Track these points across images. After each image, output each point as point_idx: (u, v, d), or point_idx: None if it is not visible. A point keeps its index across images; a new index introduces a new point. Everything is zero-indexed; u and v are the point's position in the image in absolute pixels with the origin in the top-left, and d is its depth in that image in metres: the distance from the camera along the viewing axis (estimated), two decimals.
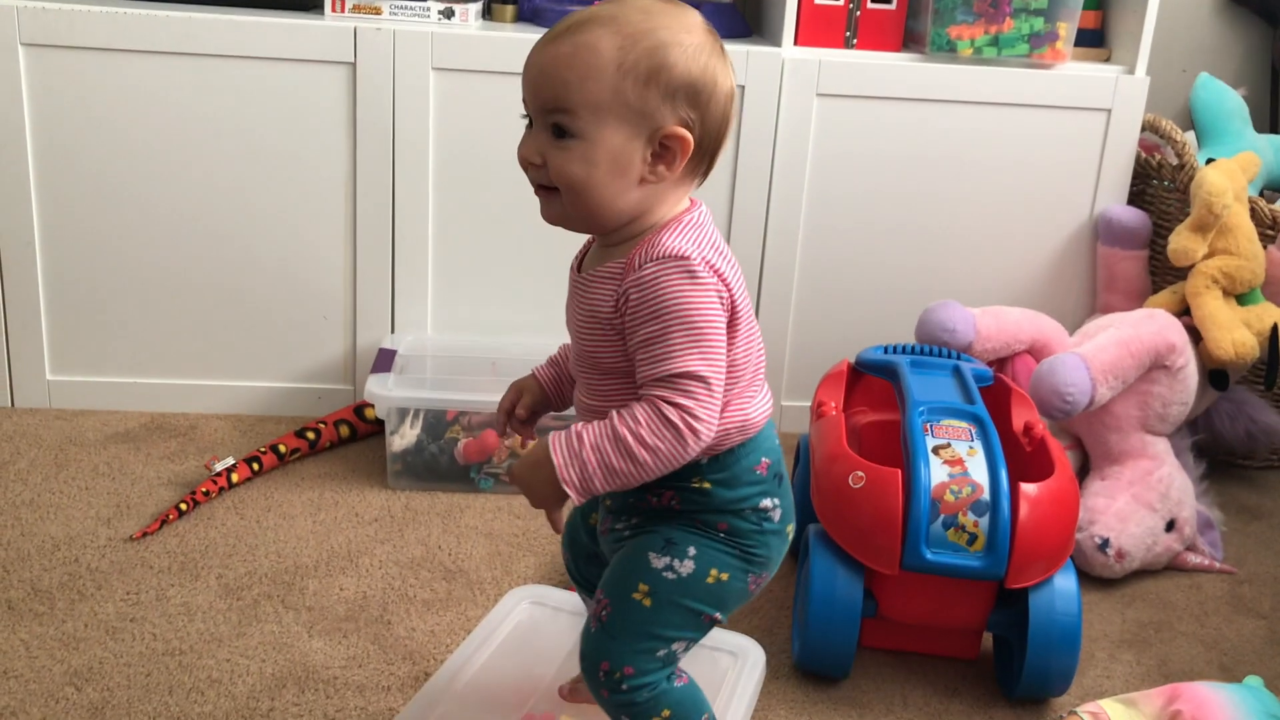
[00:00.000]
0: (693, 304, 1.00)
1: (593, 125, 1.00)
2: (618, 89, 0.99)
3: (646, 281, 1.01)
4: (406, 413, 1.94)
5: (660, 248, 1.02)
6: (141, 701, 1.41)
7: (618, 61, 0.99)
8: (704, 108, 1.03)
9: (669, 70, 1.00)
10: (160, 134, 2.02)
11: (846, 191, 2.16)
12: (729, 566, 1.10)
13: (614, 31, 1.00)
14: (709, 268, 1.02)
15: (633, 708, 1.08)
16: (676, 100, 1.01)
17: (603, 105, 1.00)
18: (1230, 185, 1.98)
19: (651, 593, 1.08)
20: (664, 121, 1.01)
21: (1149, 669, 1.64)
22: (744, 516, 1.10)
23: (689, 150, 1.03)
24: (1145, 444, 1.91)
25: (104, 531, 1.76)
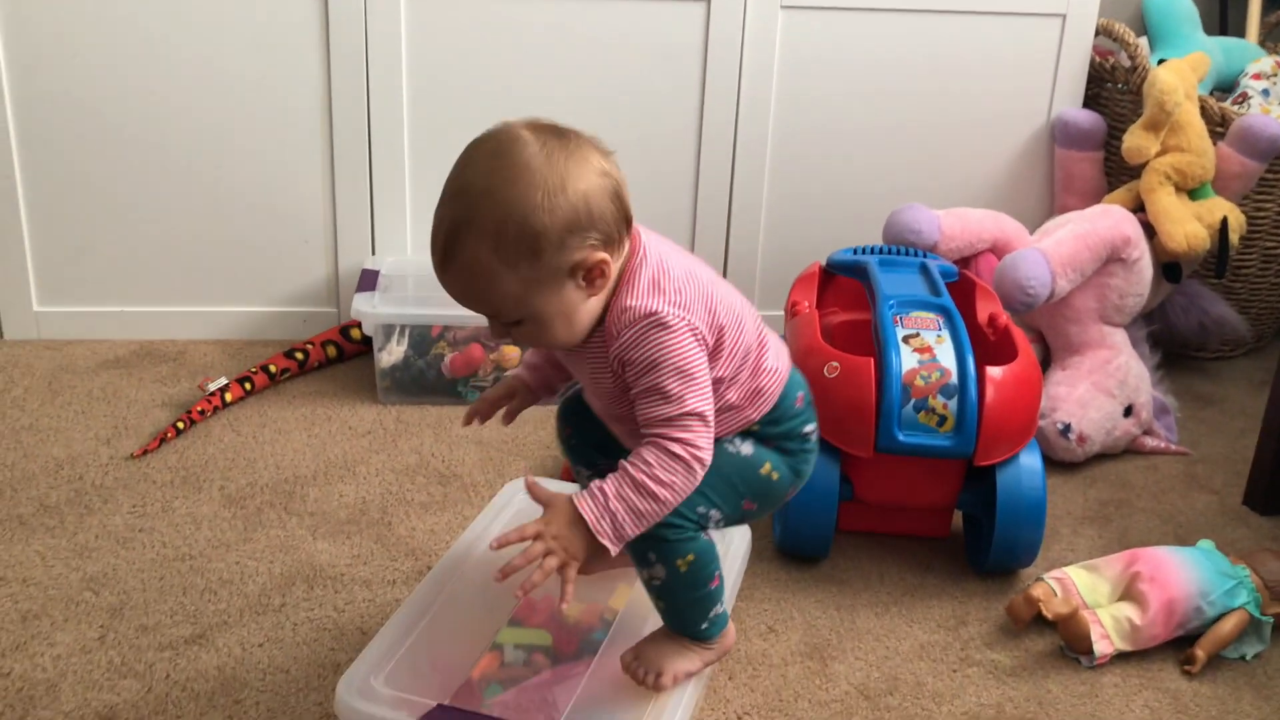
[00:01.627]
0: (673, 352, 1.09)
1: (527, 310, 1.08)
2: (521, 279, 1.05)
3: (629, 345, 1.10)
4: (393, 329, 1.99)
5: (627, 313, 1.10)
6: (158, 602, 1.47)
7: (503, 263, 1.04)
8: (591, 221, 1.06)
9: (543, 234, 1.04)
10: (137, 62, 2.04)
11: (812, 100, 2.22)
12: (780, 468, 1.22)
13: (479, 234, 1.03)
14: (675, 313, 1.10)
15: (660, 544, 1.16)
16: (569, 243, 1.05)
17: (520, 296, 1.07)
18: (1181, 84, 2.05)
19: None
20: (572, 262, 1.06)
21: (1110, 541, 1.73)
22: (792, 439, 1.23)
23: (608, 261, 1.08)
24: (1103, 334, 1.99)
25: (105, 451, 1.81)
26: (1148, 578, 1.50)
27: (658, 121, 2.19)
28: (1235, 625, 1.48)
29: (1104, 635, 1.46)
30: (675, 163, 2.22)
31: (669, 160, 2.22)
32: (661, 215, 2.25)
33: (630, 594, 1.35)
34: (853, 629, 1.51)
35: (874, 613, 1.54)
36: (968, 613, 1.55)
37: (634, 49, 2.15)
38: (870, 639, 1.49)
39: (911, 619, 1.54)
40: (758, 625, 1.50)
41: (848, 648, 1.47)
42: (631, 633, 1.29)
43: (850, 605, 1.55)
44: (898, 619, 1.53)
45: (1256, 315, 2.35)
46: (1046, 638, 1.51)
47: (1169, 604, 1.48)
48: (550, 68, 2.14)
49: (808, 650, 1.46)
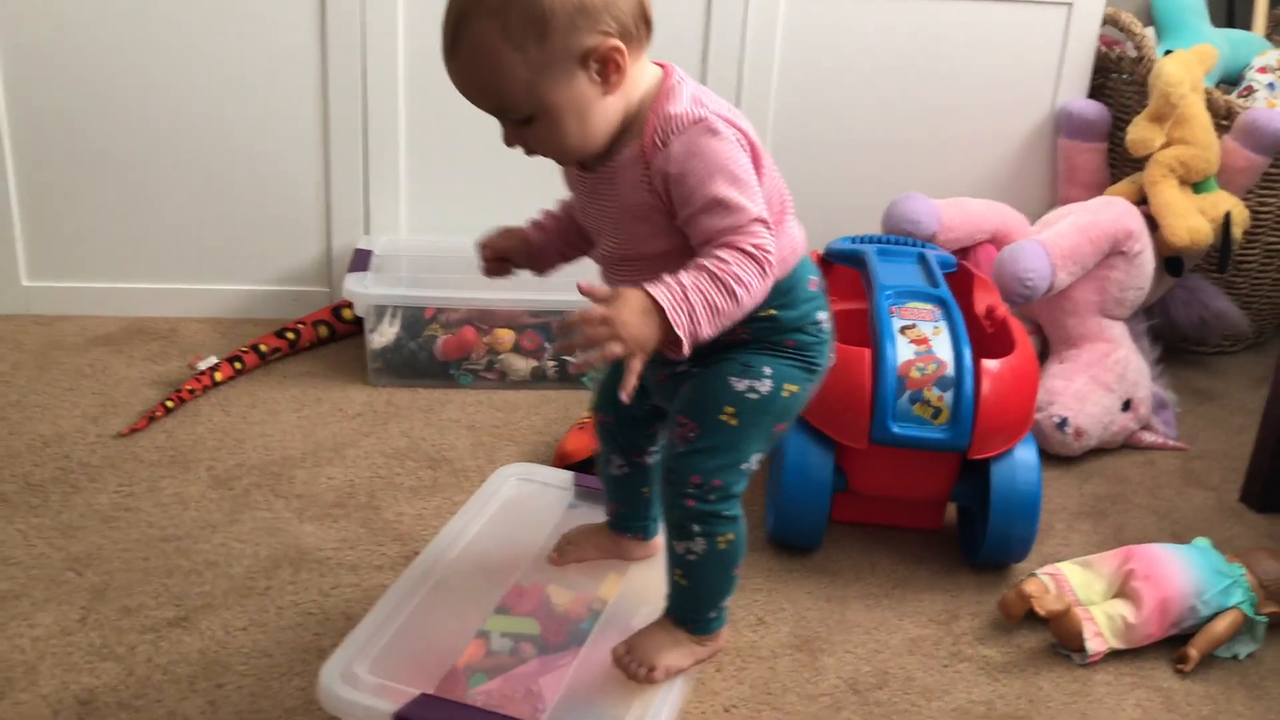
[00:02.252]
0: (730, 158, 1.04)
1: (537, 102, 1.03)
2: (529, 62, 1.01)
3: (679, 156, 1.04)
4: (385, 310, 1.97)
5: (674, 120, 1.05)
6: (142, 583, 1.46)
7: (509, 43, 1.00)
8: (606, 5, 1.02)
9: (552, 12, 1.00)
10: (131, 36, 2.02)
11: (814, 88, 2.19)
12: (797, 379, 1.18)
13: (486, 13, 1.00)
14: (723, 120, 1.06)
15: (711, 519, 1.15)
16: (579, 27, 1.01)
17: (529, 83, 1.02)
18: (1187, 76, 2.03)
19: (738, 413, 1.15)
20: (586, 50, 1.02)
21: (1105, 537, 1.72)
22: (807, 331, 1.18)
23: (623, 51, 1.03)
24: (1103, 328, 1.98)
25: (92, 429, 1.79)
26: (1142, 575, 1.48)
27: None
28: (1229, 625, 1.47)
29: (1097, 633, 1.45)
30: None
31: None
32: None
33: (620, 584, 1.34)
34: (843, 621, 1.49)
35: (865, 605, 1.53)
36: (960, 607, 1.54)
37: None
38: (860, 632, 1.48)
39: (903, 612, 1.52)
40: (748, 616, 1.48)
41: (838, 640, 1.46)
42: (620, 624, 1.27)
43: (841, 597, 1.54)
44: (889, 612, 1.52)
45: (1257, 311, 2.33)
46: (1039, 634, 1.49)
47: (1163, 602, 1.46)
48: None
49: (797, 642, 1.45)
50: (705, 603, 1.21)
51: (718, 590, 1.20)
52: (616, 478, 1.35)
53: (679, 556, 1.18)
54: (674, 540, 1.18)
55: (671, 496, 1.16)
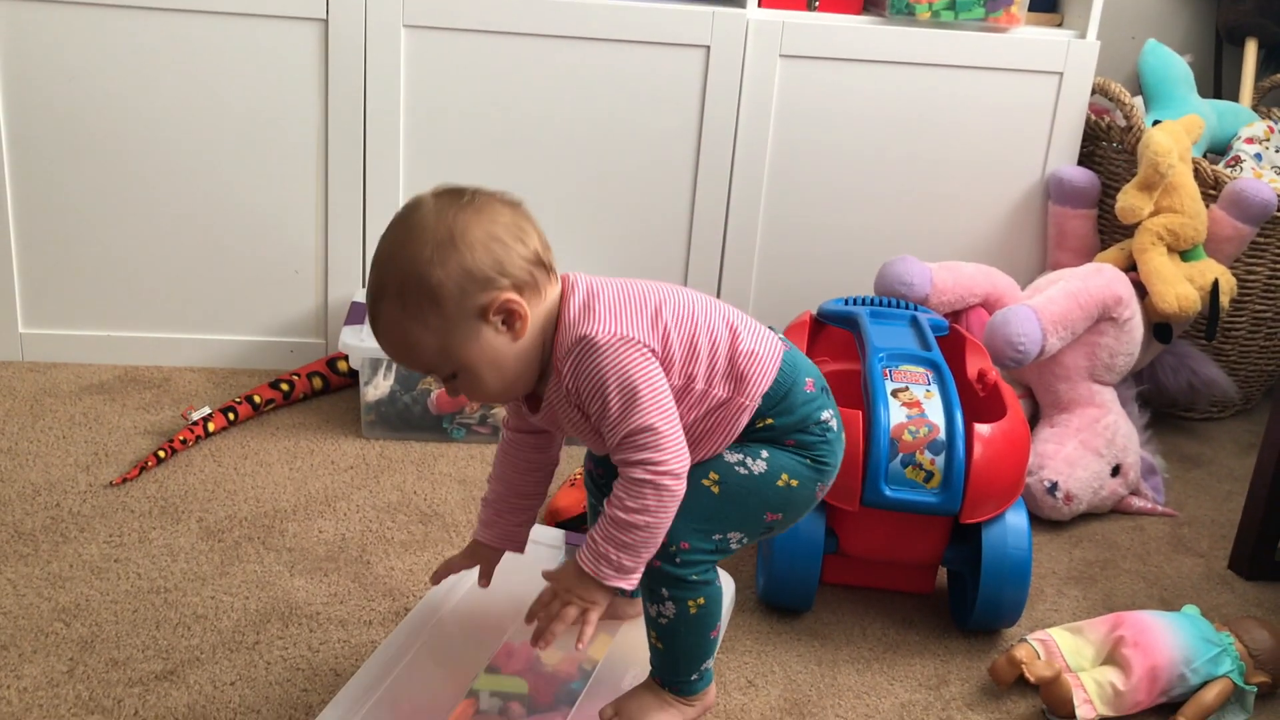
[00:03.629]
0: (610, 371, 1.10)
1: (453, 362, 1.11)
2: (433, 330, 1.09)
3: (571, 376, 1.12)
4: (380, 363, 1.98)
5: (566, 349, 1.12)
6: (130, 635, 1.45)
7: (412, 319, 1.08)
8: (492, 266, 1.08)
9: (440, 286, 1.07)
10: (133, 88, 2.04)
11: (808, 150, 2.22)
12: (799, 474, 1.19)
13: (387, 297, 1.09)
14: (605, 330, 1.11)
15: (678, 584, 1.16)
16: (468, 291, 1.08)
17: (440, 346, 1.10)
18: (1175, 146, 2.06)
19: (721, 481, 1.17)
20: (480, 306, 1.09)
21: (1094, 603, 1.72)
22: (809, 431, 1.20)
23: (519, 301, 1.09)
24: (1093, 393, 1.99)
25: (84, 478, 1.79)
26: (1132, 642, 1.49)
27: (654, 165, 2.20)
28: (1218, 694, 1.47)
29: (1086, 700, 1.45)
30: (670, 207, 2.22)
31: (663, 204, 2.22)
32: (654, 259, 2.25)
33: (610, 645, 1.34)
34: (834, 685, 1.49)
35: (855, 669, 1.53)
36: (950, 672, 1.54)
37: (634, 92, 2.15)
38: (851, 696, 1.47)
39: (893, 676, 1.52)
40: (738, 678, 1.48)
41: (828, 705, 1.45)
42: (610, 684, 1.27)
43: (832, 660, 1.54)
44: (879, 676, 1.52)
45: (1245, 377, 2.35)
46: (1028, 700, 1.49)
47: (1153, 670, 1.46)
48: (548, 107, 2.14)
49: (787, 706, 1.44)
50: (684, 666, 1.21)
51: (695, 654, 1.21)
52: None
53: (652, 619, 1.20)
54: (647, 604, 1.20)
55: None
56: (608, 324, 1.11)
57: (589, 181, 2.19)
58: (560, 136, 2.16)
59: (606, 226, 2.22)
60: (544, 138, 2.15)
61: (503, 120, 2.14)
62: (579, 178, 2.19)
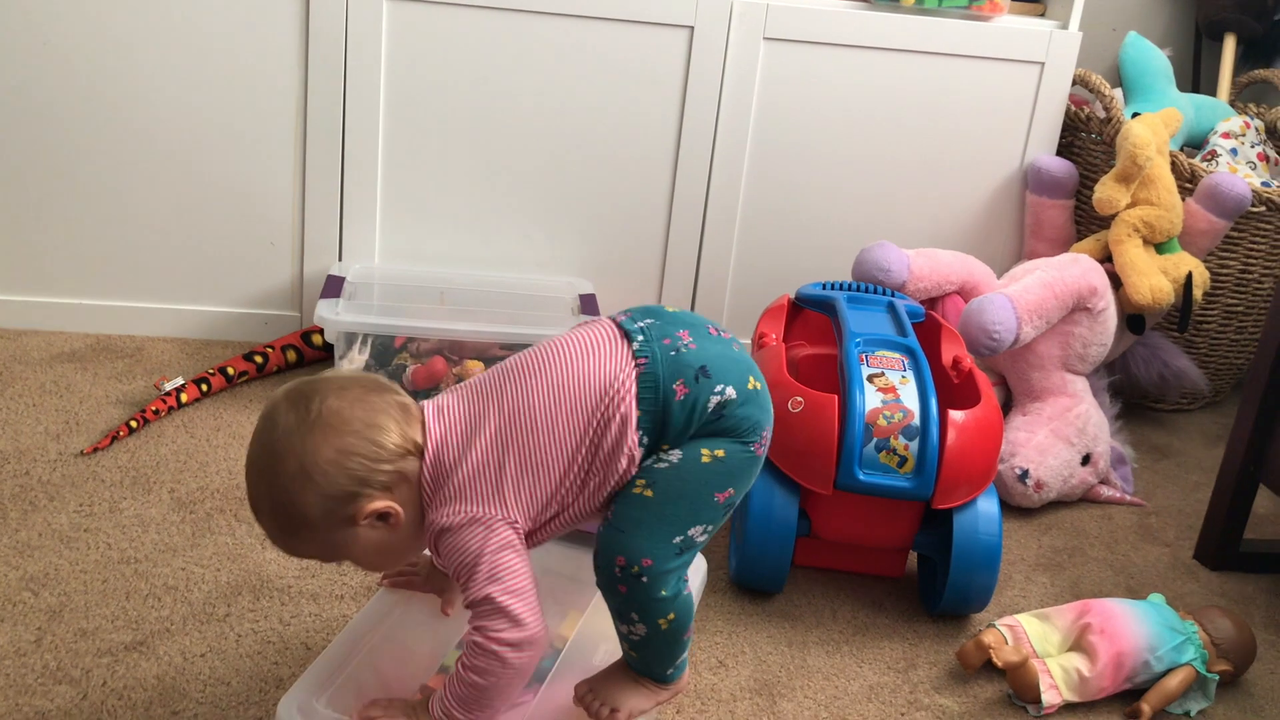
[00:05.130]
0: (457, 549, 1.11)
1: (339, 556, 1.13)
2: (314, 541, 1.11)
3: (441, 556, 1.13)
4: (355, 338, 1.97)
5: (428, 530, 1.13)
6: (99, 605, 1.44)
7: (289, 535, 1.11)
8: (353, 482, 1.08)
9: (306, 512, 1.08)
10: (109, 56, 2.01)
11: (789, 134, 2.22)
12: (718, 444, 1.12)
13: (265, 516, 1.11)
14: (458, 514, 1.11)
15: (646, 606, 1.12)
16: (333, 511, 1.08)
17: (326, 550, 1.13)
18: (1154, 139, 2.07)
19: (651, 484, 1.11)
20: (349, 517, 1.09)
21: (1062, 589, 1.74)
22: (707, 422, 1.12)
23: (388, 506, 1.10)
24: (1065, 382, 2.01)
25: (54, 446, 1.77)
26: (1098, 629, 1.50)
27: (634, 145, 2.19)
28: (1182, 681, 1.49)
29: (1052, 685, 1.47)
30: (649, 187, 2.22)
31: (644, 184, 2.21)
32: (633, 240, 2.25)
33: (580, 622, 1.34)
34: (803, 667, 1.50)
35: (825, 651, 1.54)
36: (918, 655, 1.55)
37: (615, 71, 2.14)
38: (820, 678, 1.48)
39: (862, 659, 1.53)
40: (708, 659, 1.49)
41: (797, 686, 1.46)
42: (580, 661, 1.27)
43: (802, 642, 1.55)
44: (848, 658, 1.53)
45: (1215, 370, 2.38)
46: (995, 684, 1.51)
47: (1118, 657, 1.48)
48: (530, 83, 2.13)
49: (757, 686, 1.45)
50: (659, 666, 1.20)
51: (669, 656, 1.19)
52: None
53: (624, 635, 1.17)
54: (616, 622, 1.16)
55: (604, 585, 1.14)
56: (454, 507, 1.11)
57: (568, 159, 2.18)
58: (541, 113, 2.15)
59: (585, 205, 2.22)
60: (524, 114, 2.14)
61: (483, 95, 2.12)
62: (558, 155, 2.18)
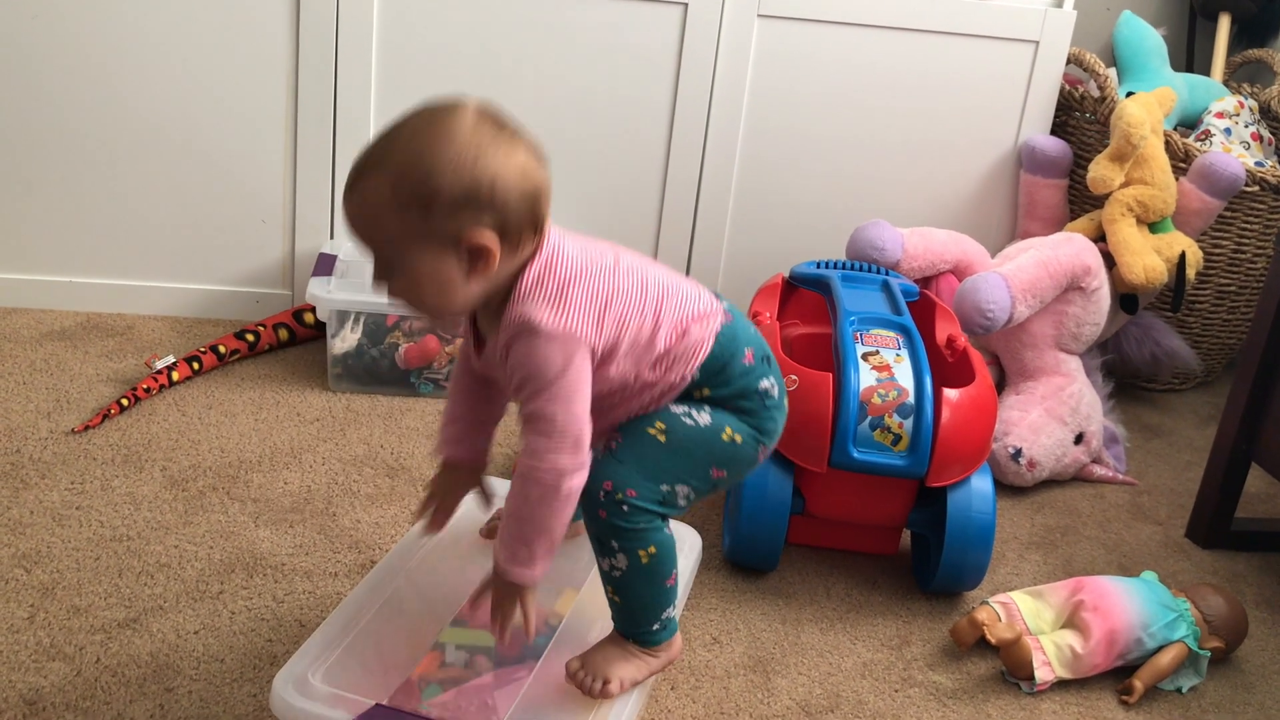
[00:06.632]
0: (539, 361, 1.09)
1: (403, 260, 1.08)
2: (405, 224, 1.06)
3: (508, 345, 1.11)
4: (347, 316, 1.96)
5: (511, 316, 1.11)
6: (92, 583, 1.44)
7: (394, 203, 1.05)
8: (491, 204, 1.06)
9: (440, 193, 1.05)
10: (99, 31, 2.00)
11: (783, 112, 2.21)
12: (742, 431, 1.20)
13: (385, 173, 1.06)
14: (555, 312, 1.10)
15: (624, 534, 1.16)
16: (462, 213, 1.06)
17: (400, 242, 1.07)
18: (1148, 118, 2.07)
19: (668, 431, 1.17)
20: (461, 234, 1.06)
21: (1055, 567, 1.75)
22: (749, 398, 1.20)
23: (495, 250, 1.08)
24: (1059, 361, 2.01)
25: (45, 424, 1.76)
26: (1091, 607, 1.51)
27: (628, 122, 2.18)
28: (1174, 658, 1.49)
29: (1045, 662, 1.47)
30: (643, 165, 2.21)
31: (637, 162, 2.20)
32: (627, 217, 2.24)
33: (575, 599, 1.34)
34: (797, 643, 1.50)
35: (819, 628, 1.54)
36: (912, 632, 1.56)
37: (609, 48, 2.13)
38: (814, 654, 1.49)
39: (856, 636, 1.53)
40: (703, 635, 1.49)
41: (791, 662, 1.46)
42: (576, 638, 1.27)
43: (796, 619, 1.55)
44: (842, 635, 1.53)
45: (1207, 350, 2.38)
46: (988, 661, 1.51)
47: (1111, 634, 1.49)
48: (523, 61, 2.12)
49: (751, 663, 1.45)
50: (643, 616, 1.21)
51: (653, 603, 1.21)
52: None
53: (605, 573, 1.20)
54: (598, 558, 1.20)
55: (587, 509, 1.17)
56: (556, 315, 1.10)
57: (562, 137, 2.17)
58: (534, 91, 2.14)
59: (578, 182, 2.21)
60: (517, 92, 2.13)
61: (476, 72, 2.11)
62: (552, 133, 2.14)
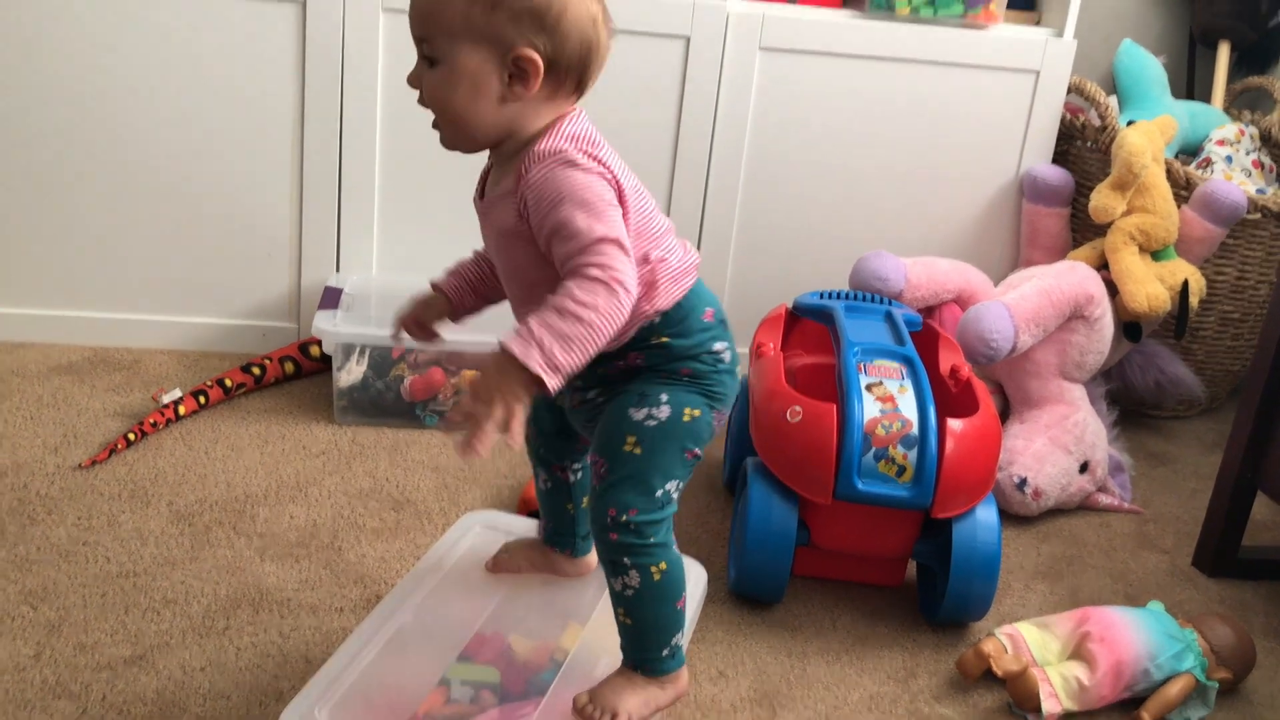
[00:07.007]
0: (580, 184, 1.10)
1: (450, 51, 1.10)
2: (467, 15, 1.09)
3: (535, 183, 1.11)
4: (353, 349, 1.97)
5: (539, 153, 1.12)
6: (98, 619, 1.44)
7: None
8: (552, 30, 1.10)
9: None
10: (107, 67, 2.02)
11: (786, 143, 2.23)
12: (698, 404, 1.22)
13: None
14: (586, 155, 1.12)
15: (636, 550, 1.18)
16: (523, 24, 1.09)
17: (456, 31, 1.09)
18: (1149, 146, 2.08)
19: (639, 441, 1.19)
20: (514, 44, 1.10)
21: (1061, 598, 1.74)
22: (701, 360, 1.22)
23: (539, 71, 1.11)
24: (1063, 390, 2.01)
25: (52, 459, 1.77)
26: (1098, 638, 1.50)
27: (630, 154, 2.17)
28: (1181, 689, 1.49)
29: (1052, 694, 1.47)
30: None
31: None
32: None
33: (581, 634, 1.34)
34: (803, 677, 1.50)
35: (825, 661, 1.54)
36: (918, 664, 1.55)
37: (611, 82, 2.12)
38: (820, 688, 1.48)
39: (862, 669, 1.53)
40: (708, 669, 1.49)
41: (797, 696, 1.46)
42: (582, 674, 1.27)
43: (802, 652, 1.55)
44: (848, 668, 1.53)
45: (1212, 377, 2.38)
46: (995, 693, 1.51)
47: (1118, 665, 1.48)
48: None
49: (757, 697, 1.45)
50: (654, 640, 1.22)
51: (664, 626, 1.22)
52: (543, 492, 1.40)
53: (618, 594, 1.21)
54: (611, 579, 1.21)
55: (598, 535, 1.20)
56: (587, 151, 1.13)
57: None
58: None
59: None
60: None
61: None
62: None
